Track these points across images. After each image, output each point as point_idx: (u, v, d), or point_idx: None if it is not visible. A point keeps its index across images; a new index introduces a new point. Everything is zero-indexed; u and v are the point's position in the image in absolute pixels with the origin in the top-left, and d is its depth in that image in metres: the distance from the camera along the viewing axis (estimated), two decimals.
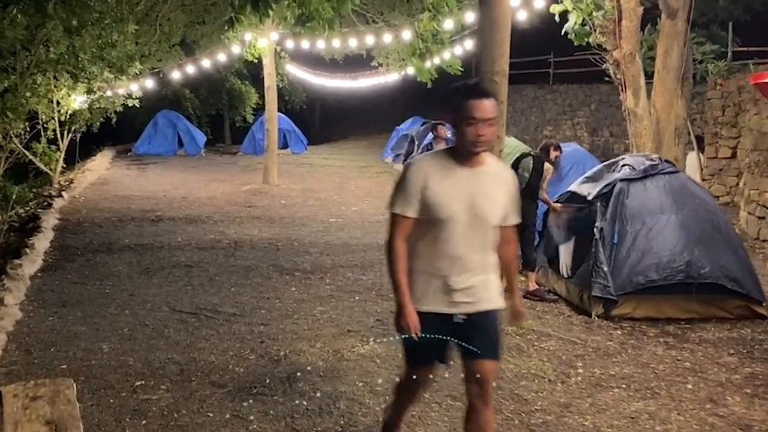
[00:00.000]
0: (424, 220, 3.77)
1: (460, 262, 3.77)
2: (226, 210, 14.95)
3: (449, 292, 3.81)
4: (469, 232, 3.74)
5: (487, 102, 3.68)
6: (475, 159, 3.77)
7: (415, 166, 3.84)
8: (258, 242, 11.66)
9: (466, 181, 3.75)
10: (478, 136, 3.65)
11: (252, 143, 27.93)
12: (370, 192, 18.04)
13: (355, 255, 10.73)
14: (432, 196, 3.72)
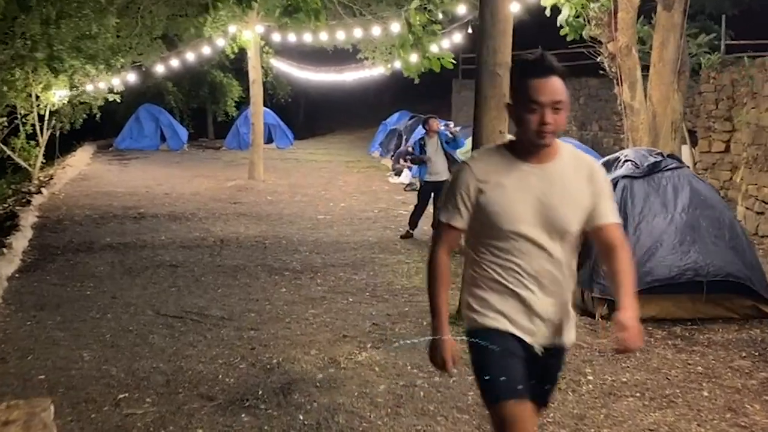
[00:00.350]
0: (485, 230, 3.14)
1: (537, 280, 3.09)
2: (210, 206, 14.56)
3: (529, 315, 3.12)
4: (545, 243, 3.07)
5: (554, 80, 2.93)
6: (542, 153, 3.05)
7: (466, 166, 3.14)
8: (245, 240, 11.29)
9: (534, 181, 3.05)
10: (542, 125, 2.93)
11: (236, 138, 27.48)
12: (358, 187, 17.70)
13: (346, 253, 10.39)
14: (489, 201, 3.06)
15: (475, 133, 6.15)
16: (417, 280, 8.79)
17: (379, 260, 9.95)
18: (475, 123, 6.15)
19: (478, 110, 6.09)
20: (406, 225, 12.27)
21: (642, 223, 7.57)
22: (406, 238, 11.51)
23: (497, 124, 6.03)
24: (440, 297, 3.38)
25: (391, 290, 8.28)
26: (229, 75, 30.09)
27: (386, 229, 12.38)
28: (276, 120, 28.03)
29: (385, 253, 10.41)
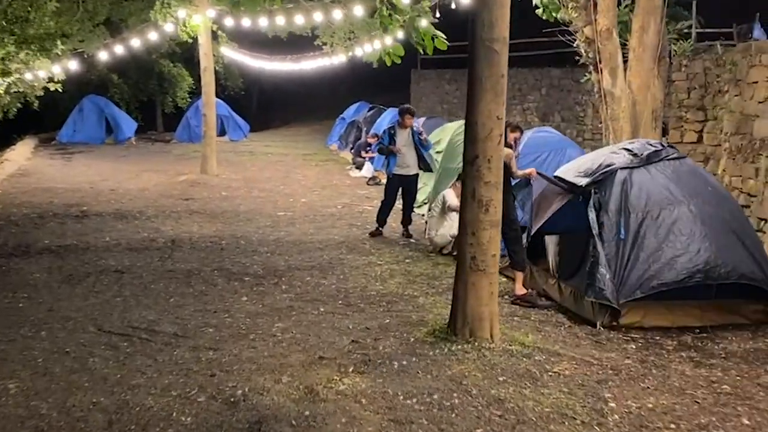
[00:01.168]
0: None
1: None
2: (160, 203, 13.50)
3: None
4: None
5: None
6: None
7: None
8: (199, 241, 10.31)
9: None
10: None
11: (187, 130, 26.30)
12: (318, 181, 16.77)
13: (312, 254, 9.49)
14: None
15: (469, 120, 5.32)
16: (392, 285, 7.93)
17: (348, 262, 9.07)
18: (469, 108, 5.32)
19: (472, 93, 5.26)
20: (373, 222, 11.42)
21: (646, 219, 6.83)
22: (375, 236, 10.66)
23: (494, 108, 5.21)
24: None
25: (365, 297, 7.41)
26: (178, 65, 28.80)
27: (352, 227, 11.50)
28: (229, 111, 26.90)
29: (354, 254, 9.54)
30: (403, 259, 9.26)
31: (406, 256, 9.43)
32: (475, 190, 5.24)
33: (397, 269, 8.70)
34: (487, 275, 5.36)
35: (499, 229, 5.42)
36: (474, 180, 5.25)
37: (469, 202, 5.28)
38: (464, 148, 5.37)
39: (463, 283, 5.42)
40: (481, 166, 5.19)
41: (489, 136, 5.17)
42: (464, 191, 5.36)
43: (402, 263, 9.04)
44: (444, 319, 6.35)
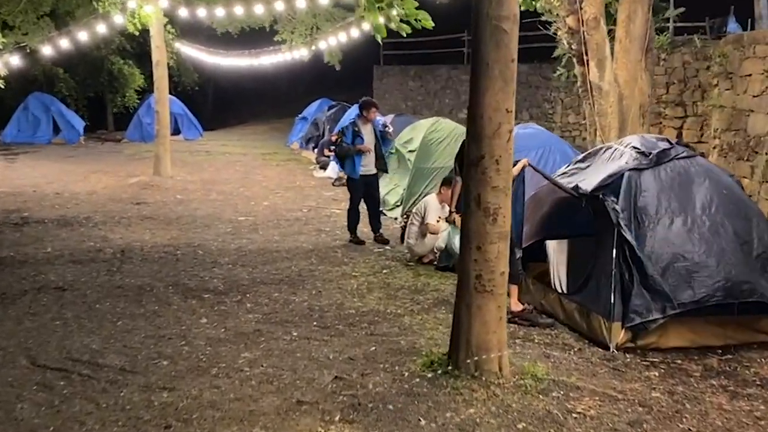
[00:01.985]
0: None
1: None
2: (109, 208, 12.42)
3: None
4: None
5: None
6: None
7: None
8: (151, 251, 9.31)
9: None
10: None
11: (138, 129, 25.06)
12: (280, 183, 15.80)
13: (278, 265, 8.56)
14: None
15: (473, 114, 4.45)
16: (372, 301, 7.05)
17: (320, 274, 8.16)
18: (473, 99, 4.45)
19: (477, 82, 4.40)
20: (342, 227, 10.57)
21: (658, 227, 6.05)
22: (359, 244, 9.75)
23: (503, 99, 4.35)
24: None
25: (343, 317, 6.52)
26: (129, 62, 27.49)
27: (321, 233, 10.59)
28: (183, 109, 25.70)
29: (326, 264, 8.63)
30: (380, 270, 8.37)
31: (383, 266, 8.55)
32: (480, 196, 4.39)
33: (375, 282, 7.82)
34: (494, 297, 4.51)
35: (509, 242, 4.57)
36: (479, 184, 4.39)
37: (474, 211, 4.42)
38: (467, 147, 4.52)
39: (466, 306, 4.56)
40: (487, 168, 4.34)
41: (497, 132, 4.33)
42: (467, 198, 4.51)
43: (379, 275, 8.16)
44: (438, 344, 5.50)
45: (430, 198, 8.87)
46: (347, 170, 9.87)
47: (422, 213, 8.69)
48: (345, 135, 9.78)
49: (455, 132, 12.22)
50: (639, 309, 5.74)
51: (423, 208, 8.72)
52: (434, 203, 8.74)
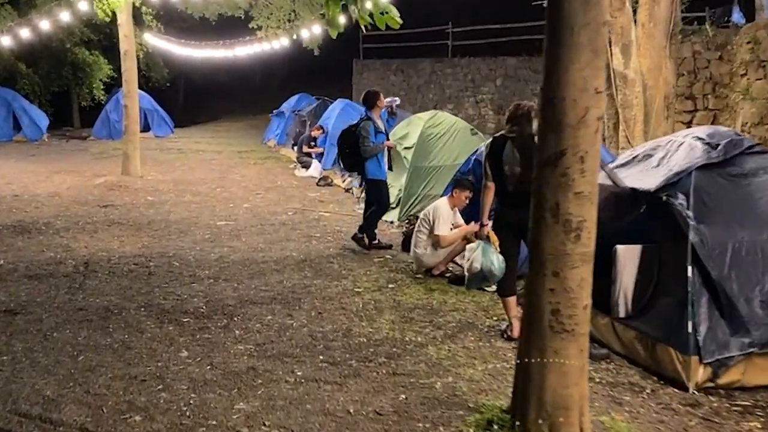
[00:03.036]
0: None
1: None
2: (73, 212, 11.17)
3: None
4: None
5: None
6: None
7: None
8: (120, 262, 8.12)
9: None
10: None
11: (106, 126, 23.68)
12: (260, 183, 14.61)
13: (267, 279, 7.41)
14: None
15: (549, 96, 3.33)
16: (385, 326, 5.93)
17: (318, 290, 7.03)
18: (550, 76, 3.33)
19: (557, 54, 3.27)
20: (335, 232, 9.55)
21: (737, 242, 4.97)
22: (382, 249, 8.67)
23: (591, 77, 3.25)
24: None
25: (354, 348, 5.40)
26: (95, 53, 26.03)
27: (311, 239, 9.45)
28: (153, 105, 24.34)
29: (322, 278, 7.50)
30: (386, 285, 7.26)
31: (389, 280, 7.44)
32: (559, 205, 3.29)
33: (383, 300, 6.70)
34: (576, 339, 3.42)
35: (591, 266, 3.47)
36: (557, 190, 3.30)
37: (549, 225, 3.33)
38: (540, 140, 3.42)
39: (538, 351, 3.45)
40: (570, 169, 3.26)
41: (583, 120, 3.25)
42: (539, 207, 3.39)
43: (386, 290, 7.04)
44: (483, 390, 4.41)
45: (440, 203, 7.75)
46: (371, 172, 8.70)
47: (431, 220, 7.58)
48: (371, 133, 8.56)
49: (456, 127, 11.14)
50: (723, 341, 4.70)
51: (432, 215, 7.60)
52: (445, 209, 7.63)
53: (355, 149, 8.54)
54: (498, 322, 6.06)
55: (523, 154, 5.43)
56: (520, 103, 5.74)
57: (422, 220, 7.66)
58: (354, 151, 8.57)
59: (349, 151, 8.61)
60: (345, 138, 8.70)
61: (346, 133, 8.72)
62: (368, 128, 8.57)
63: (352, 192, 13.14)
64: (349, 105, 16.64)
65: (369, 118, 8.63)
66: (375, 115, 8.66)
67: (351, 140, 8.60)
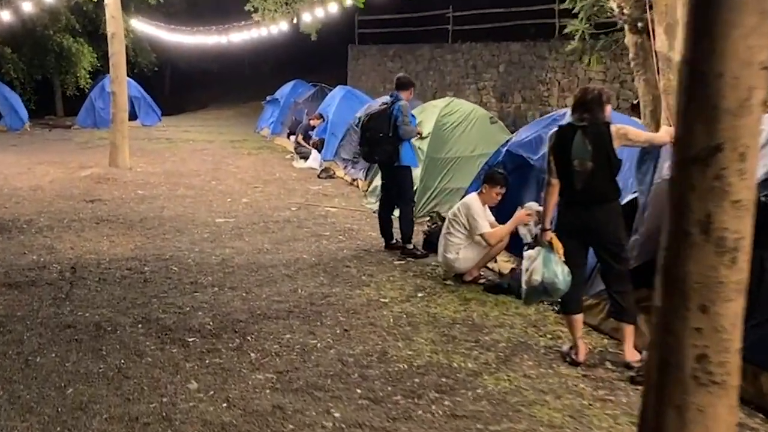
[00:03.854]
0: None
1: None
2: (57, 208, 10.27)
3: None
4: None
5: None
6: None
7: None
8: (111, 266, 7.25)
9: None
10: None
11: (91, 114, 22.65)
12: (257, 175, 13.71)
13: (280, 287, 6.55)
14: None
15: (697, 72, 2.46)
16: (425, 347, 5.10)
17: (338, 300, 6.19)
18: (698, 45, 2.46)
19: (709, 11, 2.41)
20: (346, 230, 8.76)
21: None
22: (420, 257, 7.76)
23: (757, 47, 2.39)
24: None
25: (396, 378, 4.55)
26: (80, 40, 24.90)
27: (320, 239, 8.60)
28: (140, 92, 23.27)
29: (341, 284, 6.66)
30: (415, 293, 6.42)
31: (416, 288, 6.60)
32: (711, 218, 2.45)
33: (416, 313, 5.86)
34: (727, 392, 2.60)
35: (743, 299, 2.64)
36: (709, 197, 2.45)
37: (697, 244, 2.47)
38: (683, 130, 2.58)
39: (675, 407, 2.59)
40: (727, 170, 2.41)
41: (747, 104, 2.43)
42: (680, 220, 2.53)
43: (416, 301, 6.20)
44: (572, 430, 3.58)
45: (470, 201, 6.87)
46: (405, 158, 7.85)
47: (464, 221, 6.71)
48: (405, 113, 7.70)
49: (474, 115, 10.29)
50: None
51: (464, 215, 6.74)
52: (477, 206, 6.78)
53: (394, 131, 7.66)
54: (553, 341, 5.24)
55: (597, 146, 4.59)
56: (587, 88, 4.90)
57: (451, 221, 6.79)
58: (390, 135, 7.67)
59: (383, 135, 7.71)
60: (376, 121, 7.78)
61: (377, 117, 7.80)
62: (407, 108, 7.74)
63: (357, 185, 12.29)
64: (350, 92, 15.76)
65: (397, 97, 7.79)
66: (405, 102, 7.81)
67: (384, 123, 7.71)
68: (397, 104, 7.74)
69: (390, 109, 7.76)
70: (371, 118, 7.84)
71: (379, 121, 7.77)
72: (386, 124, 7.73)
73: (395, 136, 7.67)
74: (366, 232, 8.96)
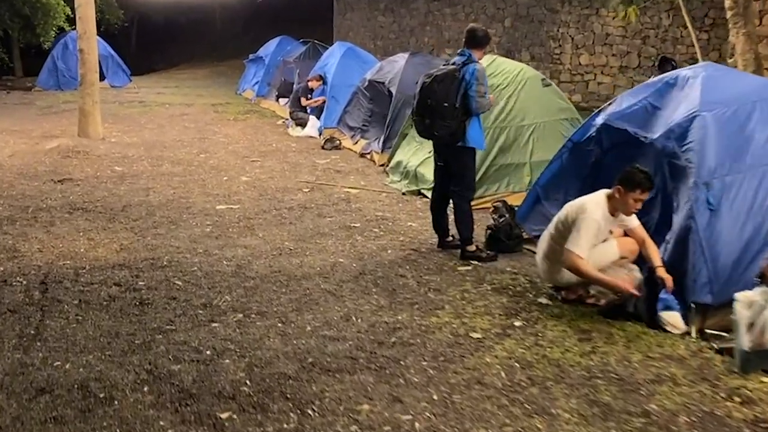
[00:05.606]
0: None
1: None
2: (19, 191, 8.48)
3: None
4: None
5: None
6: None
7: None
8: (94, 280, 5.54)
9: None
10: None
11: (53, 75, 20.58)
12: (251, 146, 11.95)
13: (325, 312, 4.90)
14: None
15: None
16: (578, 427, 3.48)
17: (412, 335, 4.53)
18: None
19: None
20: (377, 219, 7.24)
21: None
22: (487, 260, 6.12)
23: None
24: None
25: None
26: None
27: (352, 231, 6.95)
28: (108, 50, 21.11)
29: (407, 308, 5.00)
30: (508, 320, 4.79)
31: (506, 311, 4.97)
32: None
33: (530, 359, 4.20)
34: None
35: None
36: None
37: None
38: None
39: None
40: None
41: None
42: None
43: (517, 333, 4.57)
44: None
45: (591, 204, 4.84)
46: (473, 137, 6.13)
47: (569, 224, 4.98)
48: (480, 79, 6.01)
49: (522, 76, 8.60)
50: None
51: (572, 218, 4.97)
52: (598, 213, 4.81)
53: (463, 102, 5.94)
54: (750, 409, 3.64)
55: None
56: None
57: (561, 221, 5.09)
58: (456, 106, 5.94)
59: (448, 106, 5.96)
60: (442, 86, 5.99)
61: (442, 80, 6.01)
62: (483, 73, 6.02)
63: (371, 158, 10.60)
64: (352, 49, 13.94)
65: (469, 57, 6.07)
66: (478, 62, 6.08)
67: (452, 89, 5.95)
68: (470, 66, 6.00)
69: (460, 73, 6.02)
70: (434, 80, 6.06)
71: (445, 86, 6.02)
72: (454, 91, 5.99)
73: (464, 108, 5.96)
74: (403, 223, 7.31)
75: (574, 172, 6.18)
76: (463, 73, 5.96)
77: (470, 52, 6.10)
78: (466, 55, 6.12)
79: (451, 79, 5.99)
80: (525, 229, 6.46)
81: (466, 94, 5.92)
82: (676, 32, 15.01)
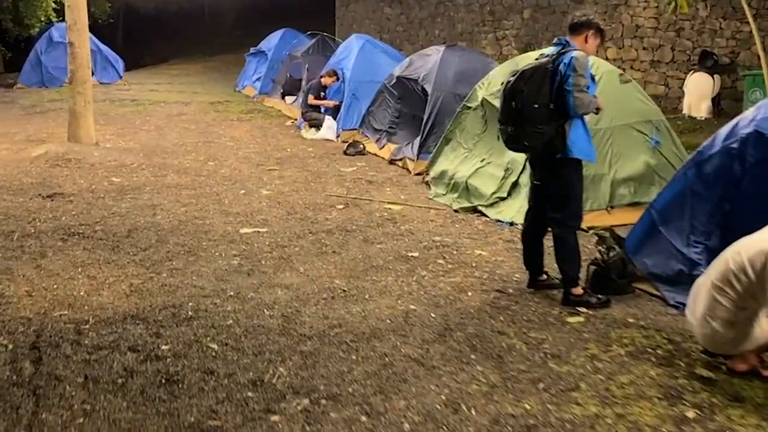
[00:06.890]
0: None
1: None
2: (2, 210, 7.12)
3: None
4: None
5: None
6: None
7: None
8: (100, 343, 4.24)
9: None
10: None
11: (37, 71, 19.09)
12: (263, 150, 10.63)
13: (419, 396, 3.62)
14: None
15: None
16: None
17: None
18: None
19: None
20: (435, 245, 5.93)
21: None
22: (598, 307, 4.82)
23: None
24: None
25: None
26: None
27: (413, 265, 5.66)
28: (96, 44, 19.65)
29: (528, 388, 3.73)
30: (674, 408, 3.53)
31: (665, 393, 3.70)
32: None
33: None
34: None
35: None
36: None
37: None
38: None
39: None
40: None
41: None
42: None
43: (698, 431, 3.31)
44: None
45: None
46: (577, 147, 4.78)
47: (753, 276, 3.65)
48: (581, 71, 4.68)
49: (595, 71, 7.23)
50: None
51: (759, 269, 3.65)
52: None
53: (558, 100, 4.64)
54: None
55: None
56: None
57: (731, 272, 3.76)
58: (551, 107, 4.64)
59: (539, 107, 4.64)
60: (530, 83, 4.66)
61: (531, 75, 4.70)
62: (584, 62, 4.70)
63: (404, 165, 9.33)
64: (370, 42, 12.63)
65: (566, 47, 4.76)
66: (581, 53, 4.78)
67: (543, 86, 4.65)
68: (569, 55, 4.70)
69: (554, 65, 4.72)
70: (521, 77, 4.76)
71: (535, 82, 4.70)
72: (546, 88, 4.67)
73: (560, 108, 4.66)
74: (470, 251, 6.03)
75: (705, 193, 4.93)
76: (557, 65, 4.66)
77: (566, 39, 4.81)
78: (562, 43, 4.83)
79: (542, 73, 4.68)
80: (637, 263, 5.18)
81: (562, 91, 4.62)
82: (714, 24, 13.80)
